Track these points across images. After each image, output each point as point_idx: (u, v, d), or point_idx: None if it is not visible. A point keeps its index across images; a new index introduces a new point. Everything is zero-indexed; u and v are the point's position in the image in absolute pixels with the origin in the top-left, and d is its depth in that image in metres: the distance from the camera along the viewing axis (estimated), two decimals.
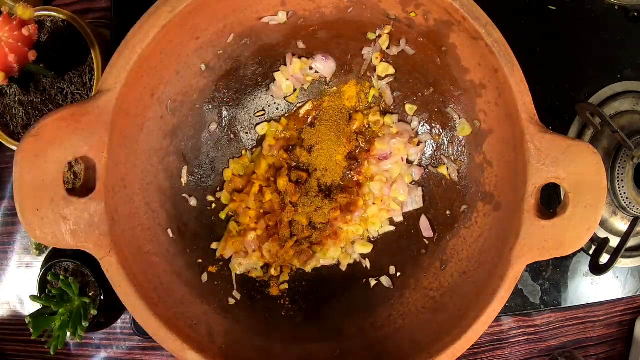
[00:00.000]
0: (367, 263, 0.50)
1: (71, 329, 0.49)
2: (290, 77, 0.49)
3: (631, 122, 0.57)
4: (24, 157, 0.34)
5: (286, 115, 0.52)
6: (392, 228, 0.51)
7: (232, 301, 0.46)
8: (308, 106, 0.51)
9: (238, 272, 0.49)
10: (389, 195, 0.50)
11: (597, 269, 0.52)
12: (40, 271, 0.52)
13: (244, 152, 0.51)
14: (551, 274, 0.58)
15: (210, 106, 0.48)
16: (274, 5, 0.44)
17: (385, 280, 0.49)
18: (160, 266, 0.42)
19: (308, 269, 0.50)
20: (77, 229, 0.35)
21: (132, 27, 0.37)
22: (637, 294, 0.61)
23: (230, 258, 0.49)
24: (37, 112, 0.52)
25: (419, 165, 0.51)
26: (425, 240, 0.49)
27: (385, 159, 0.50)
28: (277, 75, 0.50)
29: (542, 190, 0.38)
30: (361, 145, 0.51)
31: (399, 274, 0.49)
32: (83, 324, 0.49)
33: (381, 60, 0.48)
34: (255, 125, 0.51)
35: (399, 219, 0.51)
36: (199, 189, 0.49)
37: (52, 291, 0.49)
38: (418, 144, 0.50)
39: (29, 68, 0.47)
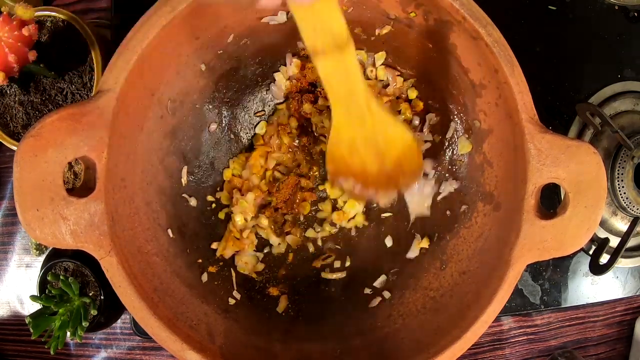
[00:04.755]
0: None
1: (71, 329, 0.49)
2: (290, 77, 0.49)
3: (631, 122, 0.57)
4: (24, 157, 0.34)
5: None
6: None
7: (232, 301, 0.46)
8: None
9: (246, 272, 0.49)
10: None
11: (597, 269, 0.52)
12: (40, 271, 0.52)
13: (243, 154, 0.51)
14: (551, 274, 0.58)
15: (210, 106, 0.48)
16: (274, 5, 0.44)
17: (384, 281, 0.49)
18: (160, 266, 0.42)
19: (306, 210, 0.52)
20: (77, 229, 0.35)
21: (132, 27, 0.37)
22: (637, 294, 0.61)
23: (230, 258, 0.49)
24: (37, 112, 0.52)
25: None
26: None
27: None
28: (277, 75, 0.50)
29: (542, 190, 0.38)
30: None
31: (398, 274, 0.49)
32: (83, 324, 0.49)
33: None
34: (255, 125, 0.51)
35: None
36: (199, 189, 0.49)
37: (52, 291, 0.49)
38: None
39: (29, 68, 0.47)
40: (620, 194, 0.55)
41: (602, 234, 0.58)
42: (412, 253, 0.49)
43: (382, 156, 0.42)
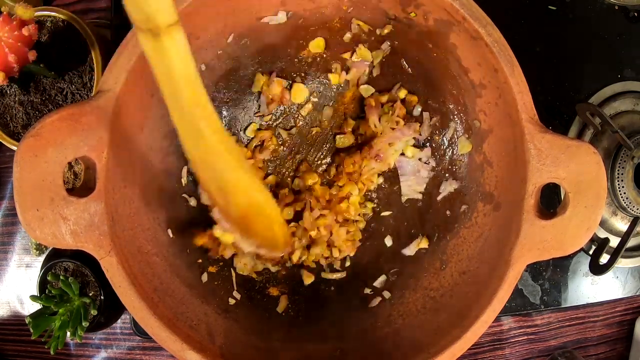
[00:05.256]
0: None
1: (71, 329, 0.49)
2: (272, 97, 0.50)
3: (631, 122, 0.57)
4: (24, 157, 0.34)
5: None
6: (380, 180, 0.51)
7: (232, 301, 0.46)
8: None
9: (245, 273, 0.49)
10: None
11: (597, 269, 0.52)
12: (40, 271, 0.52)
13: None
14: (551, 274, 0.58)
15: None
16: (274, 5, 0.44)
17: (384, 281, 0.49)
18: (160, 266, 0.42)
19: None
20: (77, 229, 0.35)
21: (132, 27, 0.37)
22: (637, 294, 0.61)
23: (230, 258, 0.49)
24: (37, 112, 0.52)
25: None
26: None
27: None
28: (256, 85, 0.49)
29: (542, 190, 0.38)
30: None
31: (398, 274, 0.49)
32: (83, 324, 0.49)
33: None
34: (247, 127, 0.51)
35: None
36: (199, 189, 0.49)
37: (52, 291, 0.49)
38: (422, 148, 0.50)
39: (29, 68, 0.47)
40: (620, 194, 0.55)
41: (602, 234, 0.58)
42: (409, 250, 0.49)
43: (224, 195, 0.36)
